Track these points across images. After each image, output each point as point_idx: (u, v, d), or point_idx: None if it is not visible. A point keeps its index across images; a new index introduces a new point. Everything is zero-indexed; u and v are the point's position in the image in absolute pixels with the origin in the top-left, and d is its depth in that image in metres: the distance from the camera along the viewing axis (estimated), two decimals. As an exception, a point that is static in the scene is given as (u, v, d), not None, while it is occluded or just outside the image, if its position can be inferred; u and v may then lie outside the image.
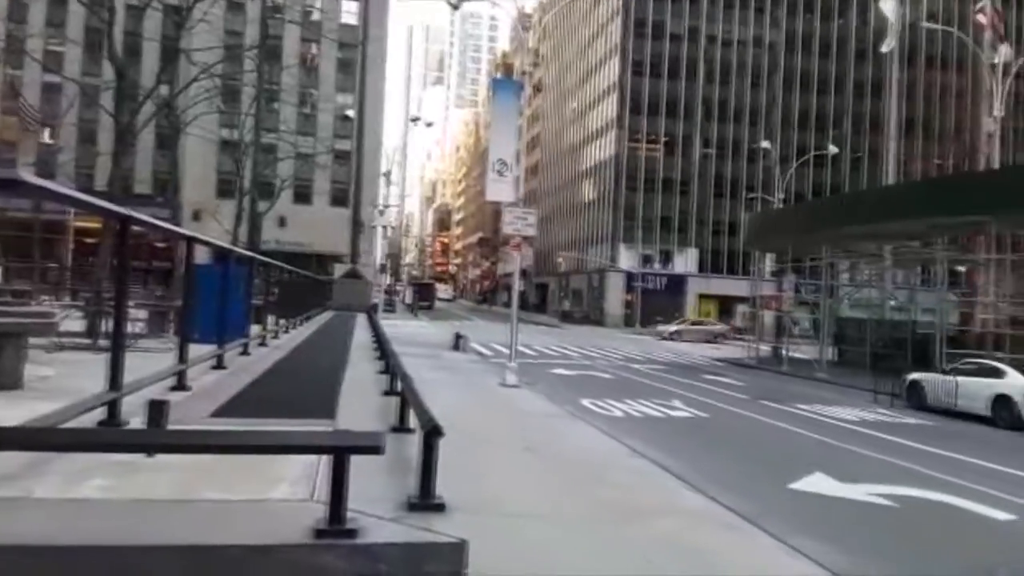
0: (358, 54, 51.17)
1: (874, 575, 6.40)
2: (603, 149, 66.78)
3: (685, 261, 62.43)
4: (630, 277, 59.91)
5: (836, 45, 64.60)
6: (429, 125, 64.84)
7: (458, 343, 22.56)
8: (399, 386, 7.55)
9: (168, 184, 42.46)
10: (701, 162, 62.94)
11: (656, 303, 57.67)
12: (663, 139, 62.98)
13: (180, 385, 7.23)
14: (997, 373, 16.16)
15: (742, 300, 49.60)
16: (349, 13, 55.32)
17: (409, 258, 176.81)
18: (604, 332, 48.64)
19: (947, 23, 47.52)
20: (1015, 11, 61.11)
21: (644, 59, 62.96)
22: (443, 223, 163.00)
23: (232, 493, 4.04)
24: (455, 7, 30.50)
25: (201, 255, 9.79)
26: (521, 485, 6.96)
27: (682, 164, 62.78)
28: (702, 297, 60.76)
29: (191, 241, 7.47)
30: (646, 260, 61.83)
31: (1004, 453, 12.11)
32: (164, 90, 26.59)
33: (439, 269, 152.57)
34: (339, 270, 34.78)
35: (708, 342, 43.79)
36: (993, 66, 29.83)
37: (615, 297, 61.25)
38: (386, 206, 49.68)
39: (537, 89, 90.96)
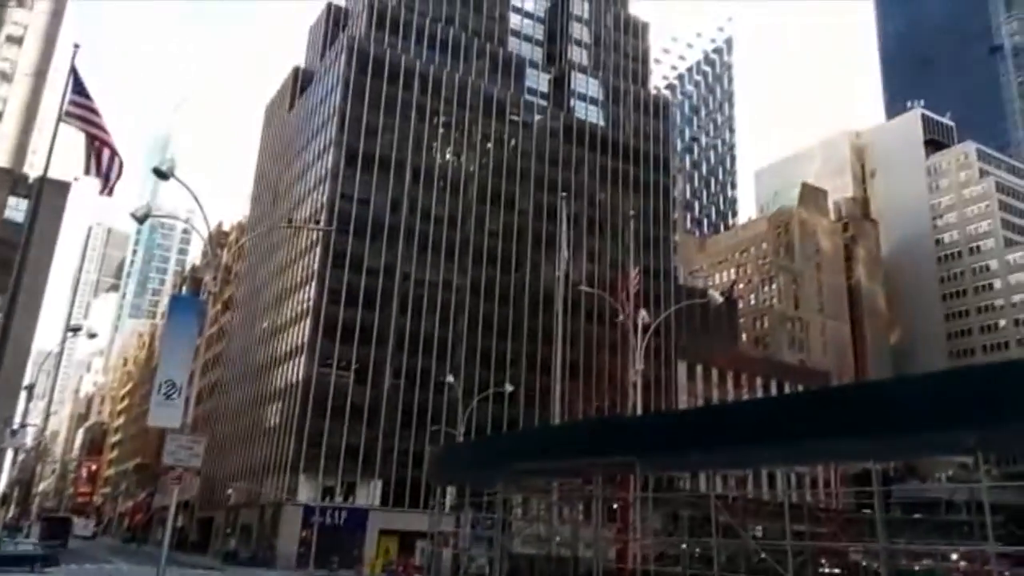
0: (18, 254, 45.73)
1: None
2: (292, 372, 65.08)
3: (368, 494, 60.55)
4: (308, 511, 56.00)
5: (514, 294, 72.13)
6: (93, 336, 58.56)
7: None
8: None
9: None
10: (391, 391, 63.78)
11: (334, 540, 54.29)
12: (354, 366, 63.25)
13: None
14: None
15: (423, 536, 48.73)
16: (16, 210, 49.91)
17: (45, 486, 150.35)
18: None
19: (603, 286, 56.03)
20: (653, 280, 74.27)
21: (341, 288, 64.53)
22: (96, 445, 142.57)
23: None
24: (140, 221, 29.10)
25: None
26: None
27: (372, 392, 63.04)
28: (383, 533, 58.61)
29: None
30: (327, 492, 58.91)
31: None
32: None
33: (82, 499, 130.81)
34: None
35: None
36: (635, 327, 35.13)
37: (290, 534, 56.46)
38: (23, 425, 42.19)
39: (226, 306, 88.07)
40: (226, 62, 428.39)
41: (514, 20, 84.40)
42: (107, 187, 18.80)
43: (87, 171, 18.86)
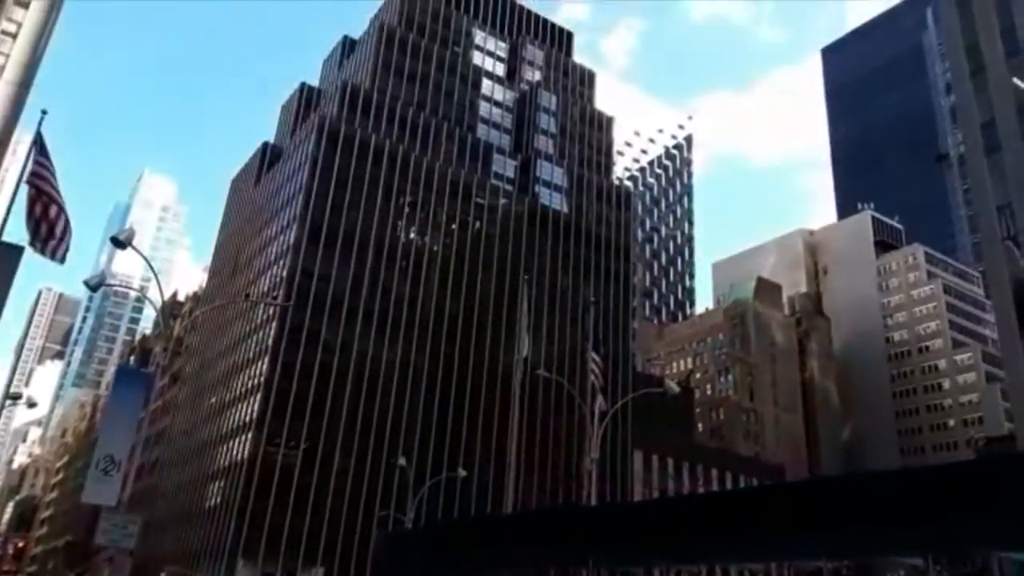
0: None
1: None
2: (238, 450, 62.96)
3: (309, 582, 57.95)
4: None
5: (472, 376, 71.39)
6: (32, 406, 56.44)
7: None
8: None
9: None
10: (339, 472, 61.88)
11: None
12: (303, 445, 61.45)
13: None
14: None
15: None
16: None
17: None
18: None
19: (562, 371, 55.87)
20: (611, 367, 74.21)
21: (295, 363, 63.30)
22: (25, 520, 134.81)
23: None
24: (93, 289, 28.55)
25: None
26: None
27: (320, 473, 61.10)
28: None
29: None
30: (266, 579, 56.29)
31: None
32: None
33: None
34: None
35: None
36: (592, 414, 34.88)
37: (225, 622, 53.70)
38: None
39: (175, 380, 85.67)
40: (193, 134, 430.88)
41: (483, 108, 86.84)
42: (60, 252, 18.48)
43: (45, 235, 18.46)
